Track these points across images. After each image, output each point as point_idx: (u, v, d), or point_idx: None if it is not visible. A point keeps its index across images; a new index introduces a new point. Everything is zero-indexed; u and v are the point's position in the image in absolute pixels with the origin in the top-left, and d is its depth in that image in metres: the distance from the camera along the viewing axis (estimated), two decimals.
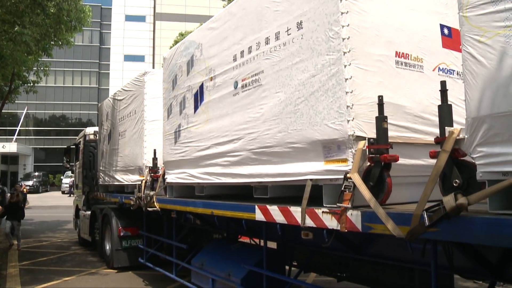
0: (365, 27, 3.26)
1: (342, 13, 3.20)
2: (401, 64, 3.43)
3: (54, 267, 9.21)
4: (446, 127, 2.52)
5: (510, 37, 2.18)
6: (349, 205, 2.92)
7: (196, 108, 5.32)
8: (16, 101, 21.80)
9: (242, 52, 4.37)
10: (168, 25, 59.52)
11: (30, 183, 40.40)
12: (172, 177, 5.97)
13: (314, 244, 4.19)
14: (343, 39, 3.17)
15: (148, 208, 6.68)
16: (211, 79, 4.95)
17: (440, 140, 2.55)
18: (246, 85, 4.28)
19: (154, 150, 6.93)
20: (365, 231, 2.81)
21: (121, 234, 8.43)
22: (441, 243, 2.87)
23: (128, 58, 61.64)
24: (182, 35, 37.61)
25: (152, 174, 6.84)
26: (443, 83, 2.65)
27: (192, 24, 47.08)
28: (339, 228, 2.98)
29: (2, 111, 19.67)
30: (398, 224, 2.57)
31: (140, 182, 7.13)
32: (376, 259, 3.97)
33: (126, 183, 8.18)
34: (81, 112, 59.95)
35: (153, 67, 50.92)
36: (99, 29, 62.59)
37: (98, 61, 62.76)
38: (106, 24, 63.11)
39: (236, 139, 4.38)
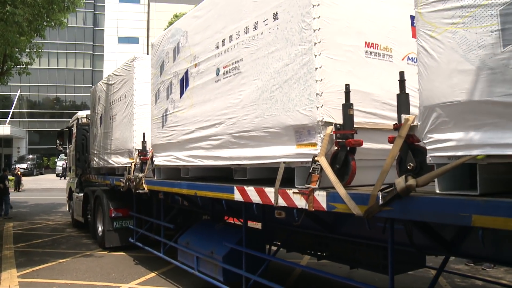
0: (336, 18, 3.45)
1: (313, 5, 3.38)
2: (371, 53, 3.63)
3: (49, 249, 9.25)
4: (402, 115, 2.74)
5: (456, 33, 2.38)
6: (316, 186, 3.15)
7: (181, 93, 5.50)
8: (9, 83, 21.57)
9: (223, 41, 4.55)
10: (163, 6, 58.99)
11: (24, 165, 40.57)
12: (159, 160, 6.18)
13: (292, 224, 4.44)
14: (314, 30, 3.36)
15: (137, 190, 6.90)
16: (195, 65, 5.13)
17: (397, 127, 2.77)
18: (227, 72, 4.47)
19: (143, 134, 7.11)
20: (329, 210, 3.05)
21: (113, 215, 8.67)
22: (401, 222, 3.12)
23: (122, 40, 61.17)
24: (177, 17, 37.29)
25: (141, 157, 7.04)
26: (401, 74, 2.86)
27: (187, 6, 46.59)
28: (307, 207, 3.22)
29: None
30: (358, 203, 2.80)
31: (130, 165, 7.34)
32: (352, 239, 4.20)
33: (116, 165, 8.39)
34: (75, 94, 59.67)
35: (148, 50, 50.63)
36: (92, 10, 61.87)
37: (92, 43, 62.17)
38: (99, 5, 62.38)
39: (217, 123, 4.59)
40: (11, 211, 15.06)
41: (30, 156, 45.88)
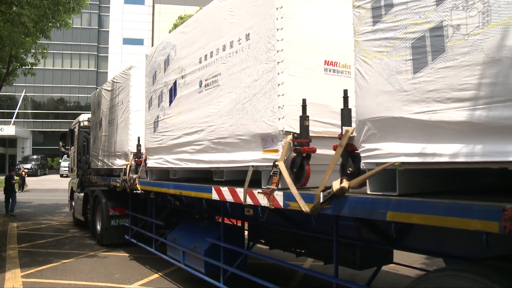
0: (297, 40, 3.94)
1: (277, 29, 3.88)
2: (330, 71, 4.12)
3: (53, 249, 9.36)
4: (343, 127, 3.22)
5: (382, 60, 2.87)
6: (276, 187, 3.64)
7: (170, 102, 6.01)
8: (14, 84, 21.73)
9: (206, 56, 5.05)
10: (168, 8, 59.40)
11: (28, 166, 41.16)
12: (151, 162, 6.69)
13: (273, 223, 4.91)
14: (278, 51, 3.86)
15: (132, 190, 7.41)
16: (182, 77, 5.63)
17: (340, 137, 3.26)
18: (208, 84, 4.97)
19: (138, 138, 7.61)
20: (285, 208, 3.55)
21: (110, 213, 9.22)
22: (353, 219, 3.60)
23: (127, 41, 61.68)
24: (182, 19, 37.45)
25: (136, 159, 7.55)
26: (345, 91, 3.34)
27: (192, 8, 46.95)
28: (268, 205, 3.71)
29: (0, 93, 19.73)
30: (306, 202, 3.29)
31: (125, 166, 7.86)
32: (324, 236, 4.63)
33: (114, 167, 8.91)
34: (79, 95, 60.26)
35: None
36: (97, 11, 62.48)
37: (96, 44, 62.74)
38: (104, 6, 62.97)
39: (199, 130, 5.09)
40: (14, 212, 15.58)
41: (34, 157, 46.50)
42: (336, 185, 2.98)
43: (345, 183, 2.96)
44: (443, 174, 2.94)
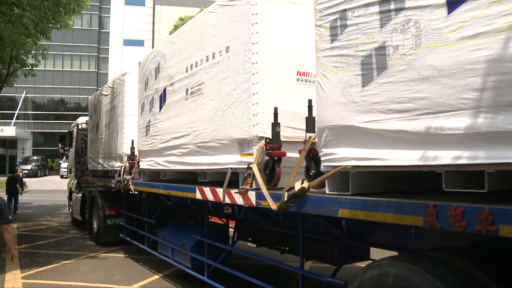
0: (271, 53, 4.31)
1: (253, 43, 4.25)
2: (302, 80, 4.48)
3: (53, 250, 9.44)
4: (307, 133, 3.60)
5: (338, 74, 3.23)
6: (250, 188, 4.01)
7: (161, 107, 6.39)
8: (14, 85, 21.72)
9: (191, 65, 5.43)
10: (168, 9, 59.60)
11: (29, 167, 41.48)
12: (144, 164, 7.06)
13: (257, 221, 5.25)
14: (253, 63, 4.23)
15: (126, 190, 7.79)
16: (171, 84, 6.01)
17: (305, 142, 3.63)
18: (193, 92, 5.34)
19: (132, 141, 7.99)
20: (257, 206, 3.92)
21: (106, 213, 9.61)
22: (321, 217, 3.95)
23: (128, 42, 61.91)
24: (182, 20, 37.44)
25: (130, 161, 7.93)
26: (309, 101, 3.71)
27: (192, 9, 47.13)
28: (243, 204, 4.08)
29: (1, 94, 19.66)
30: (274, 201, 3.66)
31: (120, 168, 8.24)
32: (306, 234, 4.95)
33: (110, 168, 9.28)
34: (79, 96, 60.43)
35: None
36: (98, 13, 62.66)
37: (97, 45, 62.92)
38: (105, 8, 63.15)
39: (186, 134, 5.46)
40: (16, 213, 15.88)
41: (35, 158, 46.76)
42: (297, 185, 3.35)
43: (306, 184, 3.33)
44: (394, 176, 3.30)
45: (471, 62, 2.36)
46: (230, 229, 6.50)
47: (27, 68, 18.05)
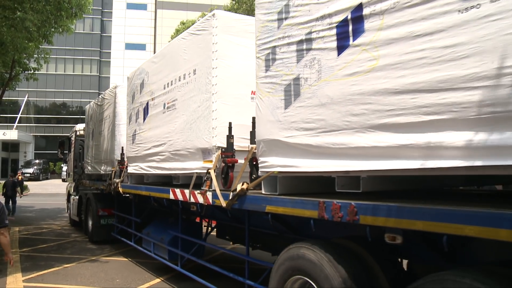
0: (228, 76, 5.15)
1: (213, 68, 5.09)
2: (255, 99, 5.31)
3: (55, 254, 9.53)
4: (249, 144, 4.43)
5: (269, 98, 4.06)
6: (208, 189, 4.85)
7: (144, 119, 7.23)
8: (17, 88, 21.54)
9: (168, 84, 6.27)
10: (170, 13, 59.92)
11: (30, 170, 41.89)
12: (130, 169, 7.90)
13: (233, 221, 5.98)
14: (213, 84, 5.07)
15: (116, 192, 8.64)
16: (153, 99, 6.86)
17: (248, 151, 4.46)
18: (169, 107, 6.19)
19: (122, 147, 8.83)
20: (213, 204, 4.75)
21: (100, 214, 10.47)
22: (267, 214, 4.77)
23: (129, 46, 62.08)
24: (184, 24, 37.81)
25: (120, 166, 8.77)
26: (253, 118, 4.53)
27: (194, 13, 47.56)
28: (203, 202, 4.91)
29: (3, 98, 19.95)
30: (225, 199, 4.49)
31: (111, 172, 9.10)
32: (268, 231, 5.69)
33: (103, 172, 10.14)
34: (81, 100, 60.24)
35: None
36: (100, 17, 62.65)
37: (99, 49, 62.96)
38: (107, 12, 63.22)
39: (163, 143, 6.30)
40: (16, 216, 16.27)
41: (37, 161, 47.02)
42: (239, 187, 4.19)
43: (245, 185, 4.16)
44: (313, 179, 4.09)
45: (350, 93, 3.19)
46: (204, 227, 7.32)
47: (29, 72, 18.36)
